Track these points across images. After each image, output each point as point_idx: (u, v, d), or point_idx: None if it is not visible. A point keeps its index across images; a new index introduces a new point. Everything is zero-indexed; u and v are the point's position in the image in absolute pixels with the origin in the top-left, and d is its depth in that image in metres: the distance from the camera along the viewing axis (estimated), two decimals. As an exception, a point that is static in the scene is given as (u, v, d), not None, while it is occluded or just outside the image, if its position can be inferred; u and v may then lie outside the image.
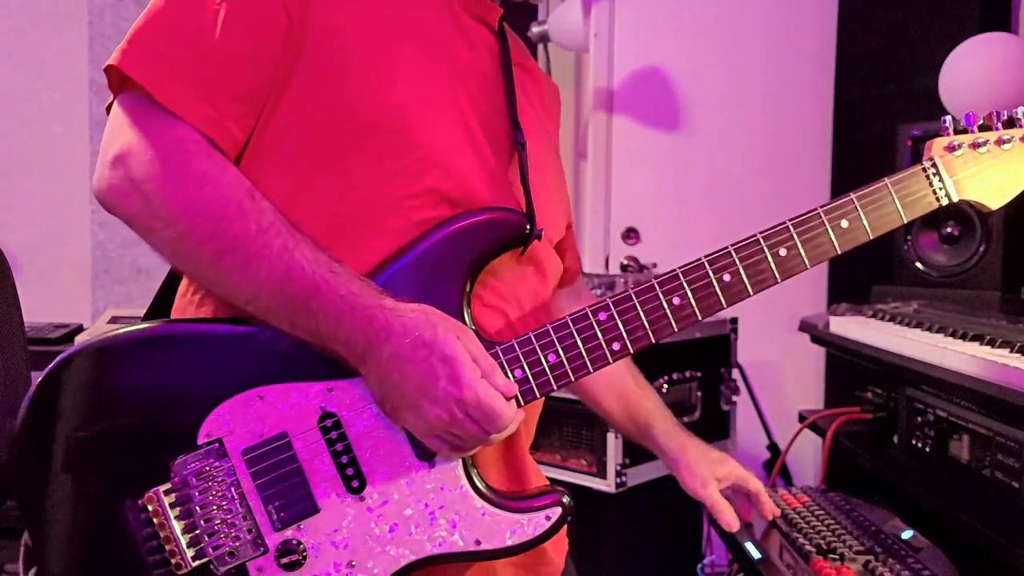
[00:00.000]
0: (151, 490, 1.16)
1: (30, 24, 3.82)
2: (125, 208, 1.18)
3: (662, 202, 3.60)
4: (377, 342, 1.14)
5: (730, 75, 3.65)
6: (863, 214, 1.30)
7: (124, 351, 1.19)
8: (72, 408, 1.17)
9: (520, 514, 1.23)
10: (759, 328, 3.28)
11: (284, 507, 1.18)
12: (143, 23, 1.20)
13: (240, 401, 1.18)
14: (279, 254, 1.15)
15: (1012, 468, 1.68)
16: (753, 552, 1.89)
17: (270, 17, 1.21)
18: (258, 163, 1.25)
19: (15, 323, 2.03)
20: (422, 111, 1.28)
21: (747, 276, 1.27)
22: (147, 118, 1.18)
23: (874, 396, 2.35)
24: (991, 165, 1.34)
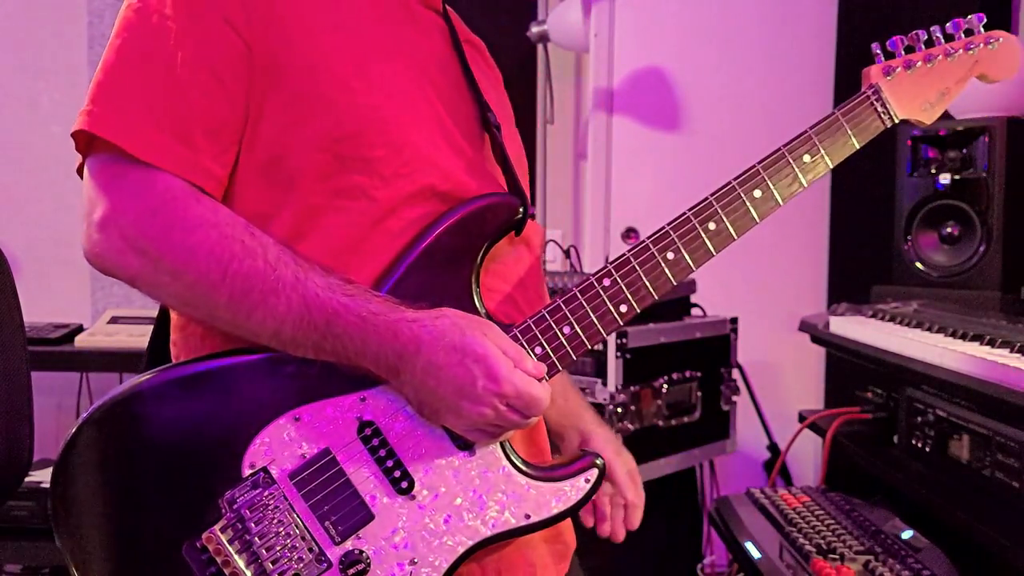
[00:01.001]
0: (208, 530, 1.16)
1: (30, 25, 3.82)
2: (125, 270, 1.19)
3: (662, 202, 3.58)
4: (407, 355, 1.17)
5: (730, 75, 3.65)
6: (822, 148, 1.39)
7: (152, 399, 1.20)
8: (109, 466, 1.19)
9: (561, 482, 1.28)
10: (759, 328, 3.28)
11: (340, 520, 1.20)
12: (100, 80, 1.20)
13: (278, 427, 1.20)
14: (293, 286, 1.17)
15: (1012, 468, 1.68)
16: (753, 552, 1.89)
17: (224, 46, 1.21)
18: (250, 195, 1.26)
19: (15, 323, 2.03)
20: (399, 110, 1.29)
21: (730, 222, 1.34)
22: (125, 174, 1.18)
23: (874, 396, 2.35)
24: (922, 83, 1.44)
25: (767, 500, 2.12)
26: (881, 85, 1.44)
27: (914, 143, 2.64)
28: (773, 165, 1.38)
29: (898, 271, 2.69)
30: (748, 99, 3.62)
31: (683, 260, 1.33)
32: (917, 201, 2.63)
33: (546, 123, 3.88)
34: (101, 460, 1.19)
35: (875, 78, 1.45)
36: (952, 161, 2.57)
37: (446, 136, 1.34)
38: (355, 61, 1.27)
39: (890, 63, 1.45)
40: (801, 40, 3.64)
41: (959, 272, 2.54)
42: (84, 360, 3.39)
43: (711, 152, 3.59)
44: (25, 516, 3.13)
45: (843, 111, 1.42)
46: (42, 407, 2.35)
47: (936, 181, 2.58)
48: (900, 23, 3.27)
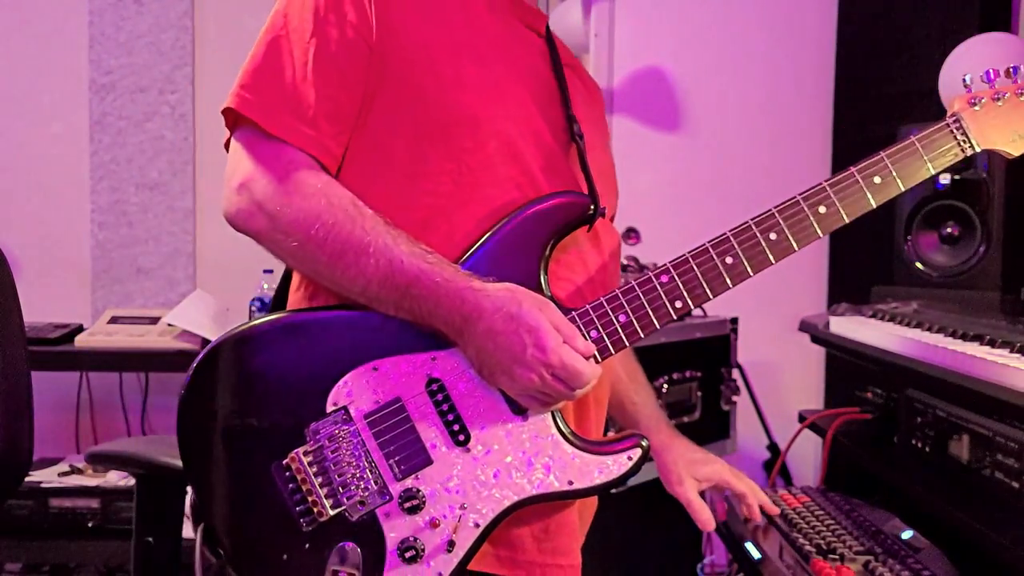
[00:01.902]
0: (292, 452, 1.35)
1: (30, 24, 3.82)
2: (253, 225, 1.39)
3: (662, 202, 3.60)
4: (472, 319, 1.33)
5: (730, 75, 3.66)
6: (893, 170, 1.45)
7: (261, 338, 1.41)
8: (223, 389, 1.39)
9: (606, 456, 1.41)
10: (759, 328, 3.28)
11: (403, 461, 1.36)
12: (249, 68, 1.42)
13: (359, 373, 1.37)
14: (383, 251, 1.34)
15: (1012, 468, 1.68)
16: (753, 552, 1.89)
17: (354, 48, 1.42)
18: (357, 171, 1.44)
19: (15, 323, 2.03)
20: (488, 107, 1.45)
21: (791, 233, 1.44)
22: (261, 147, 1.39)
23: (874, 396, 2.35)
24: (1010, 115, 1.47)
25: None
26: (963, 115, 1.48)
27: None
28: (840, 184, 1.46)
29: (898, 271, 2.69)
30: (748, 99, 3.62)
31: (741, 264, 1.44)
32: (917, 201, 2.63)
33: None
34: (220, 383, 1.39)
35: (959, 107, 1.48)
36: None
37: (534, 136, 1.50)
38: (454, 63, 1.45)
39: (977, 93, 1.46)
40: (801, 41, 3.64)
41: (959, 272, 2.54)
42: (84, 360, 3.40)
43: (711, 152, 3.59)
44: (25, 515, 3.14)
45: (920, 137, 1.47)
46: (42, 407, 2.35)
47: (936, 181, 2.58)
48: (900, 24, 3.28)
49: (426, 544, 1.35)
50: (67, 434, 3.81)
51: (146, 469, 2.14)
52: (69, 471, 3.35)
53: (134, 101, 3.83)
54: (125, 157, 3.86)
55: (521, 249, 1.43)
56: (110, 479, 3.25)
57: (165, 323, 3.36)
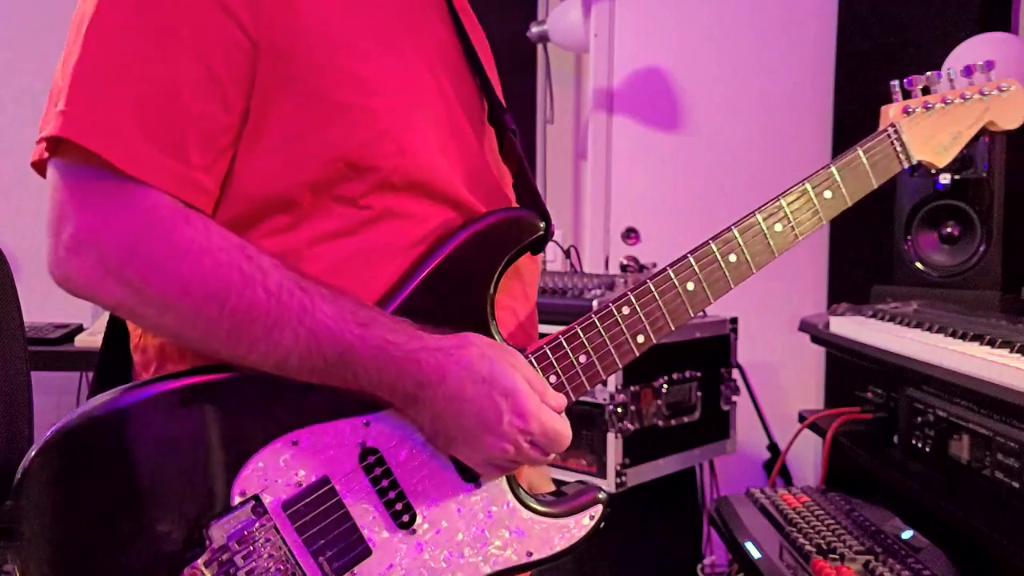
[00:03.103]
0: (190, 565, 1.06)
1: (30, 24, 3.82)
2: (102, 298, 1.06)
3: (662, 202, 3.60)
4: (430, 386, 1.10)
5: (730, 75, 3.65)
6: (843, 184, 1.37)
7: (131, 419, 1.08)
8: (77, 494, 1.06)
9: (565, 518, 1.23)
10: (759, 328, 3.28)
11: (336, 556, 1.12)
12: (76, 75, 1.04)
13: (274, 451, 1.10)
14: (299, 317, 1.07)
15: (1012, 468, 1.68)
16: (753, 552, 1.89)
17: (223, 40, 1.07)
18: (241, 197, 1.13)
19: (15, 323, 2.03)
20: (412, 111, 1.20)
21: (750, 255, 1.31)
22: (104, 188, 1.04)
23: (874, 396, 2.35)
24: (938, 125, 1.44)
25: (767, 500, 2.12)
26: (901, 125, 1.43)
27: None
28: (797, 199, 1.36)
29: (898, 271, 2.69)
30: (748, 99, 3.62)
31: (703, 291, 1.28)
32: (917, 201, 2.63)
33: (546, 123, 3.89)
34: (73, 487, 1.06)
35: (895, 117, 1.44)
36: (952, 161, 2.56)
37: (456, 134, 1.26)
38: (368, 54, 1.16)
39: (909, 103, 1.43)
40: (801, 41, 3.64)
41: (959, 272, 2.54)
42: (84, 360, 3.39)
43: (710, 152, 3.59)
44: (25, 516, 3.13)
45: (865, 149, 1.40)
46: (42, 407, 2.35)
47: (936, 181, 2.58)
48: (900, 24, 3.28)
49: None
50: (67, 434, 3.81)
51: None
52: (69, 471, 3.34)
53: (134, 101, 3.84)
54: (125, 157, 3.86)
55: (463, 283, 1.20)
56: (110, 479, 3.25)
57: (165, 323, 3.35)
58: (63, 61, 1.08)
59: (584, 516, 1.24)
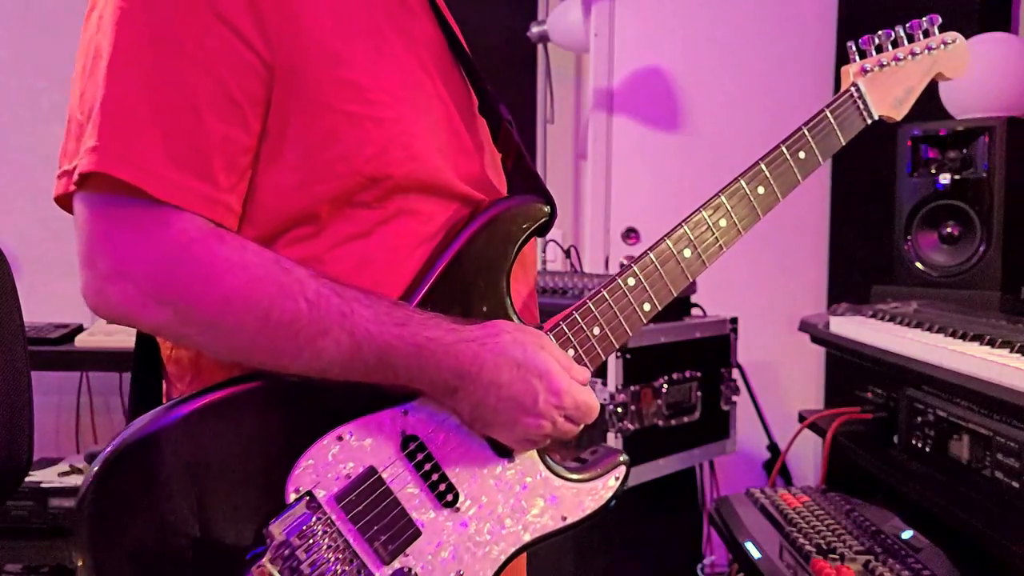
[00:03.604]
0: (257, 564, 1.10)
1: (30, 25, 3.82)
2: (146, 322, 1.09)
3: (662, 202, 3.60)
4: (469, 377, 1.15)
5: (730, 75, 3.66)
6: (814, 144, 1.45)
7: (186, 431, 1.11)
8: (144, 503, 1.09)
9: (593, 481, 1.30)
10: (759, 328, 3.28)
11: (389, 540, 1.17)
12: (104, 113, 1.06)
13: (321, 447, 1.14)
14: (340, 323, 1.11)
15: (1012, 468, 1.68)
16: (753, 552, 1.90)
17: (236, 62, 1.10)
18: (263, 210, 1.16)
19: (15, 323, 2.03)
20: (416, 118, 1.23)
21: (737, 218, 1.39)
22: (135, 216, 1.06)
23: (874, 396, 2.35)
24: (892, 81, 1.53)
25: (767, 500, 2.12)
26: (861, 83, 1.51)
27: (914, 143, 2.64)
28: (774, 162, 1.43)
29: (898, 271, 2.69)
30: (748, 99, 3.62)
31: (699, 257, 1.36)
32: (917, 201, 2.63)
33: (546, 123, 3.89)
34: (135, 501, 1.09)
35: (856, 76, 1.52)
36: (952, 161, 2.57)
37: (453, 131, 1.29)
38: (371, 65, 1.19)
39: (865, 63, 1.52)
40: (801, 40, 3.64)
41: (959, 272, 2.54)
42: (84, 360, 3.40)
43: (711, 152, 3.59)
44: (25, 516, 3.13)
45: (832, 108, 1.48)
46: (42, 407, 2.35)
47: (936, 181, 2.58)
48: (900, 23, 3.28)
49: None
50: (67, 434, 3.81)
51: (146, 469, 2.13)
52: (69, 471, 3.34)
53: (134, 101, 3.84)
54: (125, 157, 3.86)
55: (480, 270, 1.25)
56: (110, 479, 3.25)
57: (165, 323, 3.35)
58: (80, 93, 1.11)
59: (610, 478, 1.32)
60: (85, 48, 1.13)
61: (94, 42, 1.11)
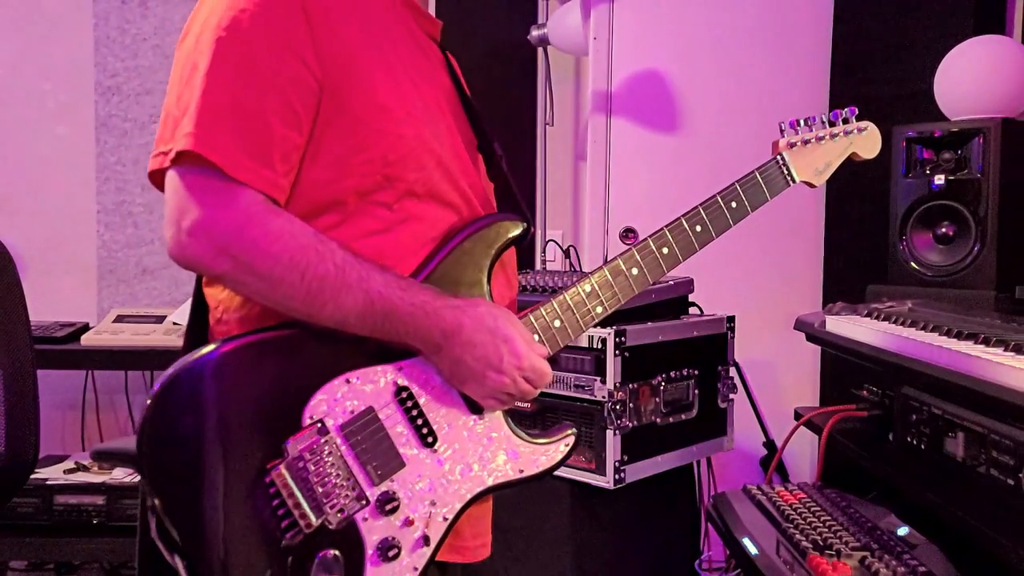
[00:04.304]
0: (276, 468, 1.38)
1: (35, 26, 3.84)
2: (213, 269, 1.39)
3: (660, 203, 3.59)
4: (451, 335, 1.45)
5: (728, 77, 3.67)
6: (744, 196, 1.76)
7: (230, 361, 1.40)
8: (193, 415, 1.38)
9: (547, 445, 1.58)
10: (755, 327, 3.30)
11: (380, 466, 1.45)
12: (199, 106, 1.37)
13: (333, 387, 1.43)
14: (358, 284, 1.41)
15: (1006, 465, 1.69)
16: (750, 548, 1.91)
17: (299, 82, 1.42)
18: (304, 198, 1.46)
19: (21, 322, 2.06)
20: (431, 136, 1.53)
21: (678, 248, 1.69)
22: (215, 187, 1.37)
23: (869, 394, 2.36)
24: (814, 155, 1.85)
25: (764, 497, 2.14)
26: (786, 155, 1.82)
27: (909, 144, 2.66)
28: (710, 208, 1.72)
29: (893, 271, 2.71)
30: (745, 102, 3.63)
31: (643, 275, 1.66)
32: (912, 201, 2.65)
33: (546, 125, 3.90)
34: (190, 409, 1.38)
35: (783, 148, 1.83)
36: (947, 162, 2.59)
37: (457, 156, 1.60)
38: (398, 94, 1.50)
39: (791, 138, 1.84)
40: (798, 43, 3.66)
41: (954, 272, 2.56)
42: (90, 358, 3.41)
43: (708, 154, 3.61)
44: (30, 513, 3.15)
45: (760, 171, 1.79)
46: (48, 405, 2.37)
47: (931, 182, 2.60)
48: (895, 27, 3.30)
49: (403, 542, 1.46)
50: (73, 432, 3.83)
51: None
52: (75, 468, 3.36)
53: (139, 103, 3.86)
54: (130, 158, 3.88)
55: (468, 267, 1.55)
56: (115, 476, 3.27)
57: (170, 322, 3.38)
58: (178, 96, 1.41)
59: (561, 444, 1.60)
60: (183, 62, 1.44)
61: (191, 58, 1.42)
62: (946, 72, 2.72)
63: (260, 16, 1.40)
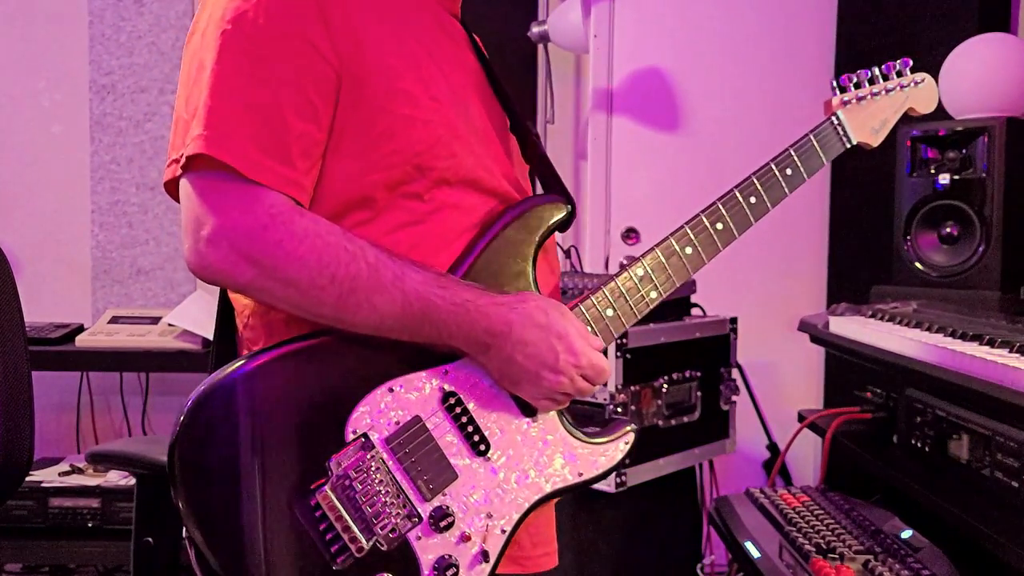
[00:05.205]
0: (320, 489, 1.29)
1: (30, 24, 3.83)
2: (237, 279, 1.30)
3: (662, 202, 3.60)
4: (500, 335, 1.34)
5: (730, 75, 3.66)
6: (800, 162, 1.64)
7: (265, 375, 1.31)
8: (228, 433, 1.29)
9: (606, 444, 1.47)
10: (759, 328, 3.29)
11: (430, 480, 1.35)
12: (209, 106, 1.28)
13: (375, 397, 1.34)
14: (393, 283, 1.31)
15: (1011, 468, 1.69)
16: (753, 551, 1.90)
17: (315, 73, 1.32)
18: (328, 193, 1.37)
19: (16, 323, 2.04)
20: (459, 122, 1.43)
21: (733, 223, 1.57)
22: (233, 191, 1.28)
23: (873, 396, 2.35)
24: (868, 113, 1.73)
25: (767, 500, 2.13)
26: (841, 114, 1.71)
27: (913, 143, 2.65)
28: (764, 176, 1.61)
29: (897, 271, 2.69)
30: (747, 100, 3.62)
31: (698, 255, 1.53)
32: (916, 201, 2.64)
33: (546, 123, 3.89)
34: (224, 427, 1.29)
35: (836, 107, 1.72)
36: (951, 161, 2.57)
37: (487, 140, 1.50)
38: (421, 78, 1.40)
39: (845, 96, 1.74)
40: (800, 41, 3.64)
41: (958, 272, 2.54)
42: (85, 360, 3.40)
43: (710, 152, 3.60)
44: (25, 515, 3.14)
45: (815, 133, 1.68)
46: (43, 407, 2.35)
47: (935, 181, 2.59)
48: (899, 25, 3.29)
49: (460, 559, 1.36)
50: (68, 434, 3.81)
51: (146, 469, 2.14)
52: (70, 471, 3.35)
53: (134, 101, 3.84)
54: (125, 157, 3.86)
55: (511, 256, 1.45)
56: (110, 479, 3.25)
57: (166, 323, 3.36)
58: (186, 98, 1.33)
59: (620, 442, 1.48)
60: (189, 61, 1.35)
61: (198, 56, 1.33)
62: (950, 71, 2.70)
63: (267, 5, 1.31)
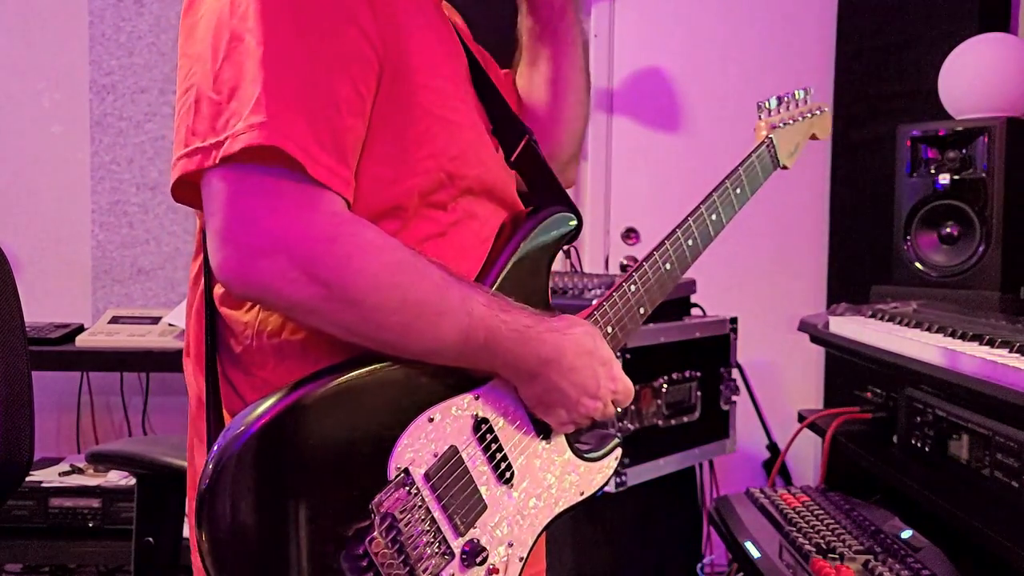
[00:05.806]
0: (368, 536, 1.15)
1: (30, 24, 3.82)
2: (291, 296, 1.10)
3: (662, 202, 3.61)
4: (551, 363, 1.26)
5: (730, 75, 3.66)
6: (746, 180, 1.66)
7: (301, 415, 1.13)
8: (263, 481, 1.13)
9: (599, 461, 1.44)
10: (759, 328, 3.29)
11: (465, 514, 1.25)
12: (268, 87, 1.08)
13: (417, 428, 1.21)
14: (461, 307, 1.19)
15: (1011, 468, 1.69)
16: (753, 551, 1.90)
17: (363, 59, 1.16)
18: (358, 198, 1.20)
19: (16, 323, 2.04)
20: (473, 127, 1.33)
21: (699, 238, 1.56)
22: (293, 193, 1.09)
23: (873, 396, 2.35)
24: (790, 137, 1.79)
25: (767, 500, 2.13)
26: (774, 137, 1.75)
27: (913, 143, 2.65)
28: (722, 194, 1.61)
29: (897, 271, 2.69)
30: (747, 100, 3.60)
31: (675, 268, 1.52)
32: (916, 201, 2.63)
33: (546, 123, 3.89)
34: (259, 475, 1.12)
35: (767, 131, 1.76)
36: (951, 161, 2.57)
37: (486, 145, 1.38)
38: (451, 75, 1.30)
39: (772, 119, 1.79)
40: (800, 41, 3.65)
41: (958, 272, 2.54)
42: (85, 360, 3.40)
43: (709, 152, 3.59)
44: (25, 515, 3.13)
45: (757, 155, 1.70)
46: (43, 407, 2.35)
47: (935, 181, 2.58)
48: (900, 24, 3.29)
49: None
50: (68, 434, 3.81)
51: (147, 469, 2.14)
52: (70, 471, 3.35)
53: (134, 102, 3.84)
54: (126, 157, 3.86)
55: (531, 273, 1.37)
56: (111, 479, 3.25)
57: (166, 323, 3.36)
58: (214, 75, 1.12)
59: (610, 458, 1.46)
60: (215, 31, 1.13)
61: (227, 27, 1.12)
62: (951, 70, 2.70)
63: None
